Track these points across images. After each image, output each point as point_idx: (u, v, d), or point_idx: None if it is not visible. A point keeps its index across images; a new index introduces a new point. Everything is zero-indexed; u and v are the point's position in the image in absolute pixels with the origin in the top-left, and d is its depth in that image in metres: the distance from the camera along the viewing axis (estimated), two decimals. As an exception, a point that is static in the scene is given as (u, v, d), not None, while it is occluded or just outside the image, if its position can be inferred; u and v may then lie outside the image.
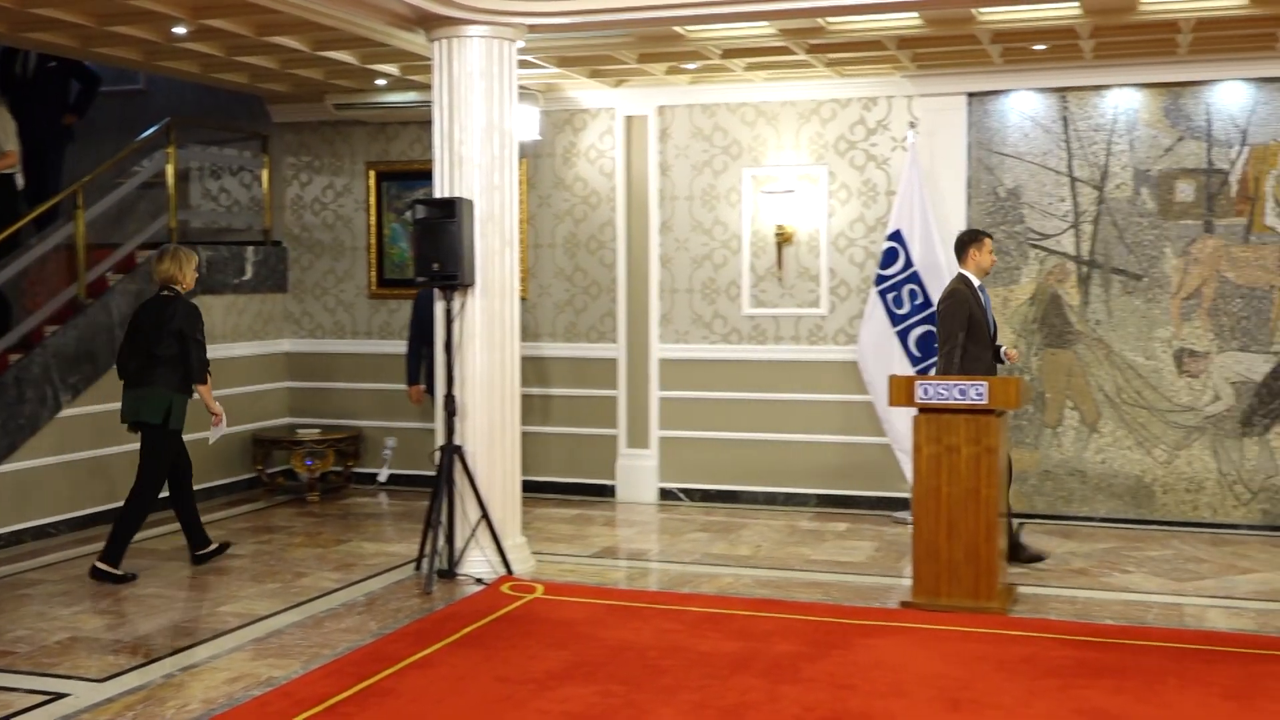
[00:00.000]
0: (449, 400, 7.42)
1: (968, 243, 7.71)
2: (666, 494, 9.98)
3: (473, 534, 7.42)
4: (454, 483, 7.39)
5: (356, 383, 10.74)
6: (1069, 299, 9.05)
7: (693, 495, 9.92)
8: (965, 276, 7.65)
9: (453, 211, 7.28)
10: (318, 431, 10.36)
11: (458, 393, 7.46)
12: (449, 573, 7.39)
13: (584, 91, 9.94)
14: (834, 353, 9.53)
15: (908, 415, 7.31)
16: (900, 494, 9.09)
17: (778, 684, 5.49)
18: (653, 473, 9.98)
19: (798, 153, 9.61)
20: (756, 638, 6.18)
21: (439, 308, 7.55)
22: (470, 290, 7.44)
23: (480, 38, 7.39)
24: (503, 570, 7.43)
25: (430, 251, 7.31)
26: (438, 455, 7.47)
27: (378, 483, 10.56)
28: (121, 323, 9.07)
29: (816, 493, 9.63)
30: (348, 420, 10.69)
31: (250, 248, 10.51)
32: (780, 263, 9.65)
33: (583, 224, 10.13)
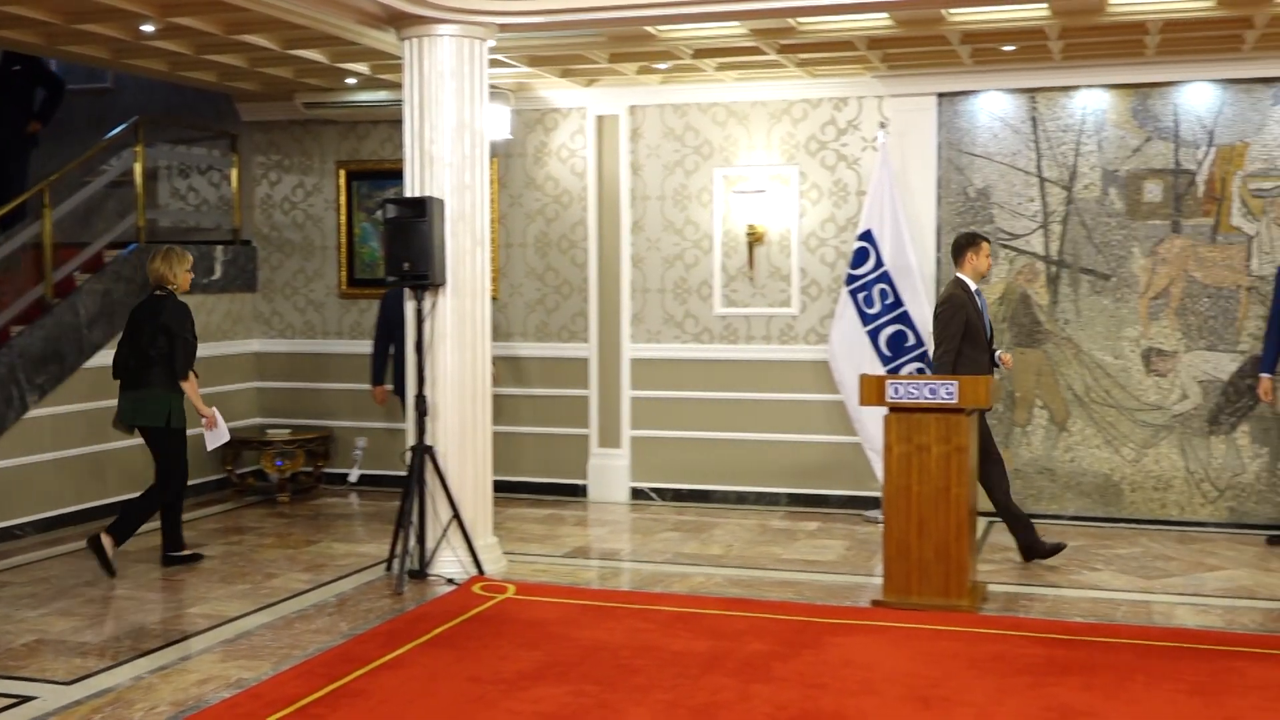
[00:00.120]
0: (420, 400, 7.39)
1: (965, 246, 7.74)
2: (638, 493, 9.98)
3: (444, 534, 7.40)
4: (425, 483, 7.37)
5: (327, 383, 10.70)
6: (1038, 298, 9.11)
7: (664, 495, 9.93)
8: (962, 280, 7.68)
9: (423, 211, 7.26)
10: (288, 432, 10.31)
11: (429, 393, 7.44)
12: (420, 573, 7.36)
13: (555, 91, 9.93)
14: (805, 352, 9.56)
15: (878, 414, 7.33)
16: (871, 493, 9.12)
17: (749, 683, 5.50)
18: (624, 472, 9.98)
19: (769, 153, 9.63)
20: (728, 637, 6.19)
21: (409, 307, 7.53)
22: (441, 290, 7.42)
23: (451, 37, 7.37)
24: (474, 570, 7.42)
25: (401, 251, 7.28)
26: (409, 455, 7.45)
27: (348, 483, 10.53)
28: (89, 323, 9.03)
29: (788, 492, 9.65)
30: (318, 420, 10.64)
31: (219, 247, 10.45)
32: (751, 262, 9.66)
33: (554, 223, 10.12)
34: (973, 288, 7.67)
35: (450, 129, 7.41)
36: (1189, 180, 8.83)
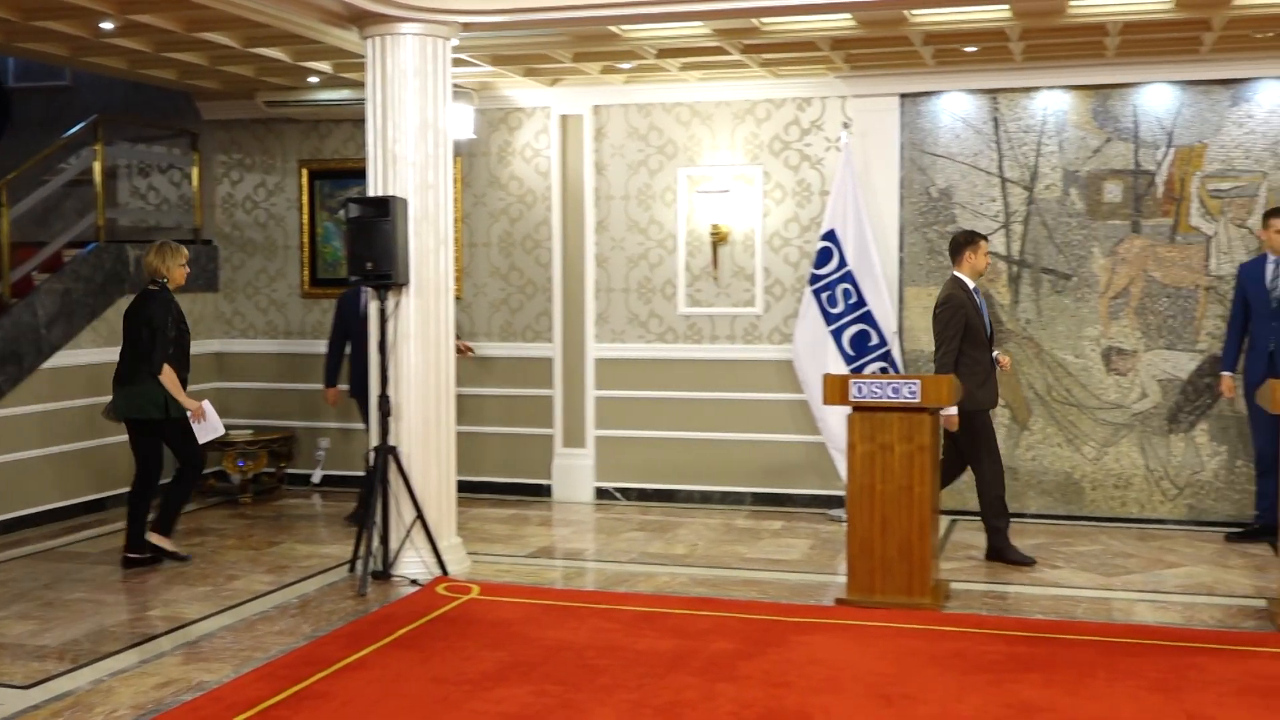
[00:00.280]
0: (383, 400, 7.36)
1: (963, 245, 7.76)
2: (603, 493, 9.98)
3: (407, 535, 7.37)
4: (388, 483, 7.34)
5: (289, 383, 10.63)
6: (1000, 298, 9.16)
7: (629, 494, 9.93)
8: (960, 279, 7.71)
9: (387, 210, 7.23)
10: (250, 432, 10.24)
11: (392, 393, 7.41)
12: (384, 574, 7.33)
13: (519, 90, 9.91)
14: (769, 352, 9.58)
15: (842, 414, 7.36)
16: (835, 492, 9.16)
17: (714, 682, 5.51)
18: (589, 472, 9.97)
19: (733, 153, 9.64)
20: (693, 636, 6.20)
21: (372, 307, 7.50)
22: (404, 289, 7.39)
23: (414, 35, 7.34)
24: (438, 571, 7.39)
25: (364, 250, 7.25)
26: (371, 456, 7.42)
27: (311, 484, 10.48)
28: (47, 323, 8.96)
29: (752, 491, 9.67)
30: (280, 421, 10.58)
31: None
32: (715, 262, 9.68)
33: (518, 223, 10.10)
34: (971, 286, 7.70)
35: (413, 128, 7.38)
36: (1148, 181, 8.91)
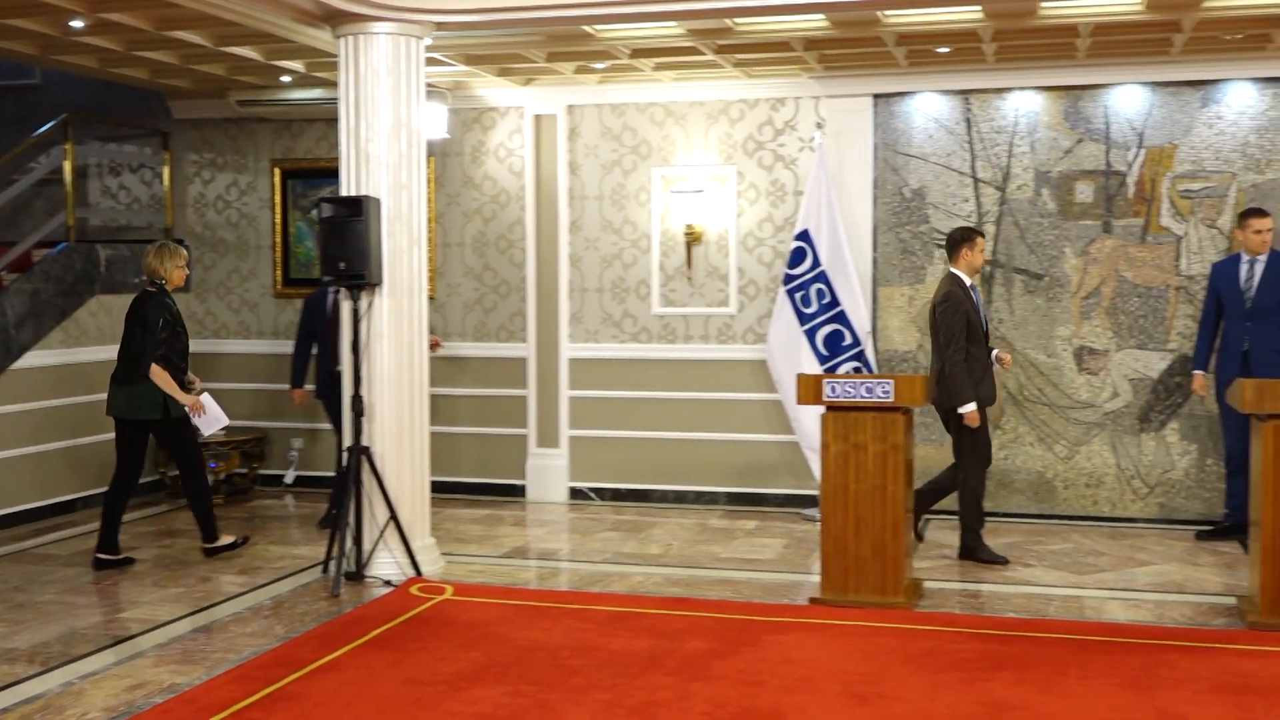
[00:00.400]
0: (356, 400, 7.34)
1: (960, 242, 7.78)
2: (577, 493, 9.97)
3: (381, 535, 7.35)
4: (362, 484, 7.31)
5: (261, 383, 10.57)
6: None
7: (603, 494, 9.93)
8: (957, 276, 7.72)
9: (359, 210, 7.21)
10: (222, 433, 10.17)
11: (365, 393, 7.38)
12: (357, 575, 7.31)
13: (492, 90, 9.89)
14: (743, 352, 9.59)
15: (816, 413, 7.38)
16: (809, 491, 9.17)
17: (688, 682, 5.51)
18: (563, 472, 9.97)
19: (706, 153, 9.65)
20: (667, 636, 6.20)
21: (346, 307, 7.47)
22: (378, 289, 7.37)
23: (387, 35, 7.32)
24: (412, 572, 7.37)
25: (337, 250, 7.22)
26: (345, 456, 7.39)
27: (284, 484, 10.44)
28: (17, 323, 8.89)
29: (726, 491, 9.68)
30: (253, 422, 10.51)
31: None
32: (689, 262, 9.68)
33: (492, 223, 10.08)
34: (968, 283, 7.73)
35: (386, 128, 7.36)
36: (1119, 181, 8.96)
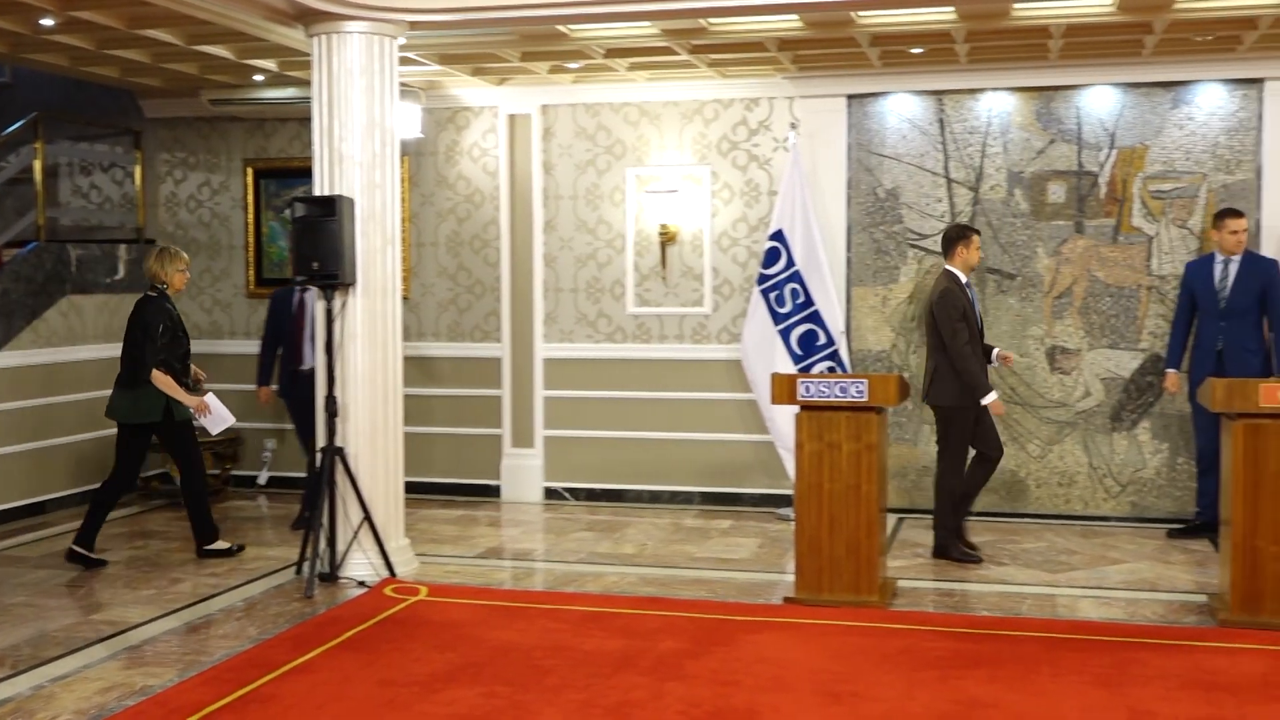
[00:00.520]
0: (330, 401, 7.31)
1: (955, 239, 7.80)
2: (551, 493, 9.96)
3: (355, 536, 7.32)
4: (335, 485, 7.29)
5: (234, 384, 10.48)
6: (946, 298, 9.22)
7: (578, 494, 9.92)
8: (953, 274, 7.75)
9: (333, 210, 7.18)
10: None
11: (339, 393, 7.36)
12: (330, 576, 7.28)
13: (466, 89, 9.87)
14: (717, 351, 9.60)
15: (790, 413, 7.39)
16: (783, 491, 9.19)
17: (663, 681, 5.51)
18: (538, 472, 9.95)
19: (681, 153, 9.66)
20: (641, 636, 6.20)
21: (319, 307, 7.44)
22: (351, 289, 7.35)
23: (360, 34, 7.30)
24: (386, 573, 7.35)
25: (310, 250, 7.20)
26: (318, 457, 7.36)
27: (257, 485, 10.39)
28: (-14, 323, 8.84)
29: (701, 490, 9.69)
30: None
31: (123, 246, 10.23)
32: (664, 262, 9.69)
33: (466, 223, 10.06)
34: (963, 280, 7.75)
35: (360, 127, 7.33)
36: (1091, 182, 9.01)
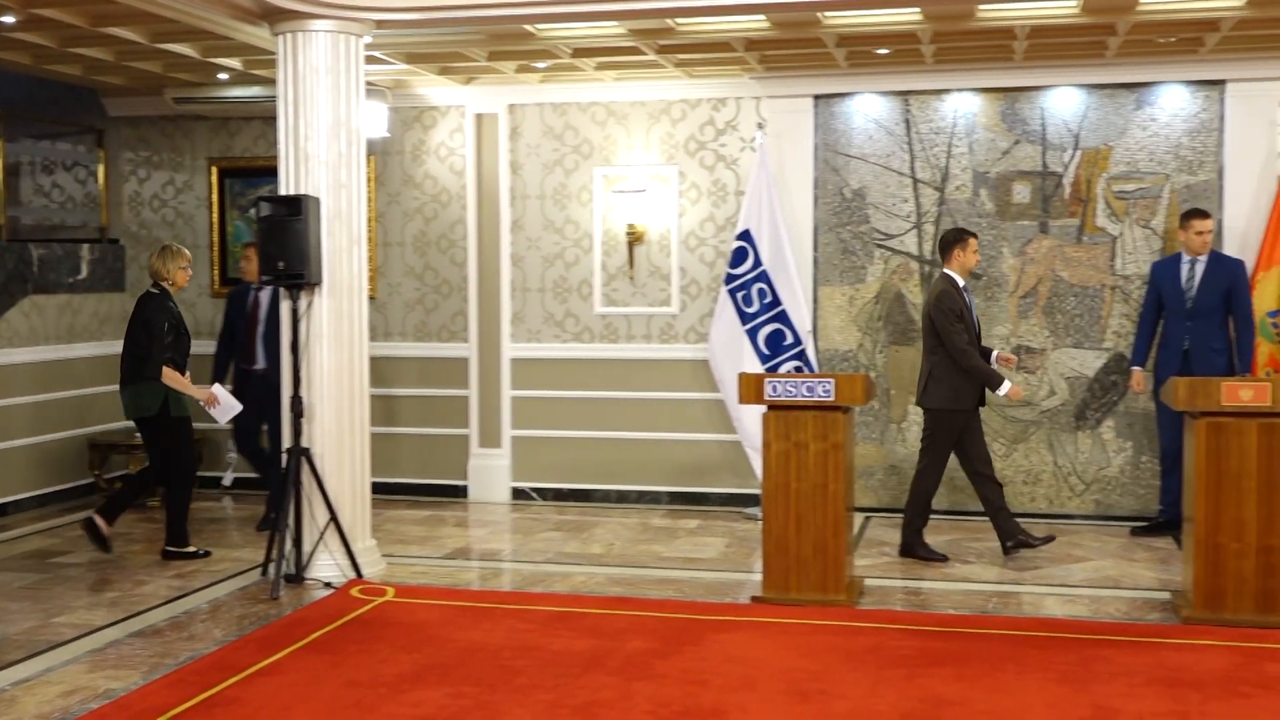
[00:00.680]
0: (296, 401, 7.27)
1: (952, 243, 7.82)
2: (519, 494, 9.94)
3: (321, 537, 7.29)
4: (301, 485, 7.25)
5: (200, 384, 10.42)
6: (912, 297, 9.27)
7: (545, 494, 9.90)
8: (951, 277, 7.77)
9: (299, 209, 7.15)
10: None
11: (305, 393, 7.32)
12: (297, 577, 7.24)
13: (433, 89, 9.84)
14: (685, 351, 9.61)
15: (757, 412, 7.40)
16: (751, 490, 9.21)
17: (631, 681, 5.51)
18: (505, 472, 9.93)
19: (648, 152, 9.66)
20: (609, 636, 6.20)
21: (285, 307, 7.41)
22: (317, 289, 7.31)
23: (326, 32, 7.26)
24: (352, 574, 7.31)
25: (276, 250, 7.16)
26: (284, 458, 7.32)
27: (222, 486, 10.32)
28: (-53, 323, 8.74)
29: (669, 490, 9.70)
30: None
31: (86, 246, 10.14)
32: (631, 262, 9.69)
33: (433, 222, 10.03)
34: (961, 283, 7.77)
35: (326, 126, 7.30)
36: (1056, 182, 9.07)
